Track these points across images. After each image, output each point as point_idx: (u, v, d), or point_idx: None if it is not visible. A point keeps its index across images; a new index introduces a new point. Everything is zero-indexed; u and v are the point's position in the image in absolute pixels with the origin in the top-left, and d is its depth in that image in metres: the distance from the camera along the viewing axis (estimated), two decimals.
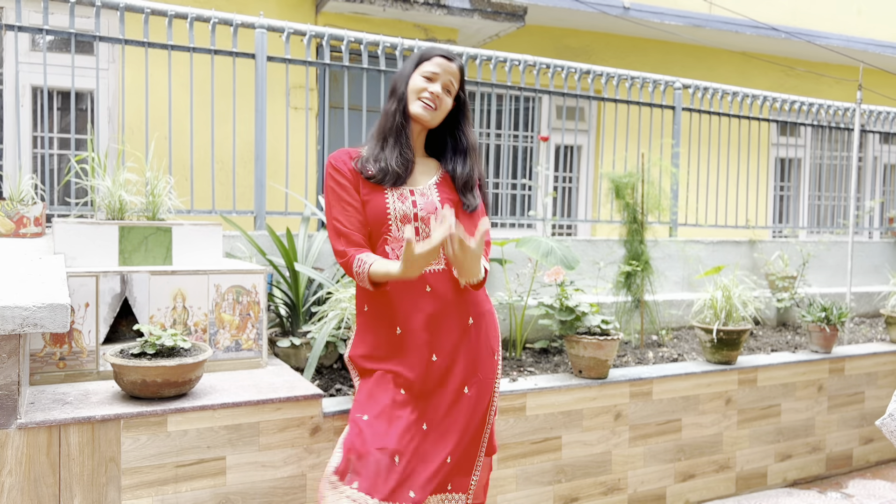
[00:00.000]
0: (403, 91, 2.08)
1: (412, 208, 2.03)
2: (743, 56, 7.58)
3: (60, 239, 2.41)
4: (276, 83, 4.60)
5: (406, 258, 1.79)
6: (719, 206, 5.43)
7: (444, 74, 2.06)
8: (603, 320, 3.00)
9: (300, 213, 3.67)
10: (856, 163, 4.19)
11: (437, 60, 2.07)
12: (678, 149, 4.82)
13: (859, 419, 3.72)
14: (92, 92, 4.74)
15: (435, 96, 2.05)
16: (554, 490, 2.80)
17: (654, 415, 3.03)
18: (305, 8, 5.55)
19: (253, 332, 2.58)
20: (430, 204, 2.04)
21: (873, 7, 7.81)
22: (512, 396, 2.69)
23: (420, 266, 1.81)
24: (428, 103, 2.04)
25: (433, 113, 2.06)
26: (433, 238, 1.77)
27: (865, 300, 5.07)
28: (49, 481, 1.91)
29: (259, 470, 2.20)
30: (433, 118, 2.07)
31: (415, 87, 2.06)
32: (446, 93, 2.08)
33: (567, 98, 4.64)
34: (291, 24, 3.77)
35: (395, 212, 2.02)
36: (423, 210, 2.04)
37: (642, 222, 3.74)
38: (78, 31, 3.38)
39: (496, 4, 5.63)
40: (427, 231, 2.03)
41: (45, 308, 1.73)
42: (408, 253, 1.78)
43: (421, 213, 2.03)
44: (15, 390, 1.84)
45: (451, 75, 2.08)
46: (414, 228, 2.00)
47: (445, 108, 2.09)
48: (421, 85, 2.05)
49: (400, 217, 2.02)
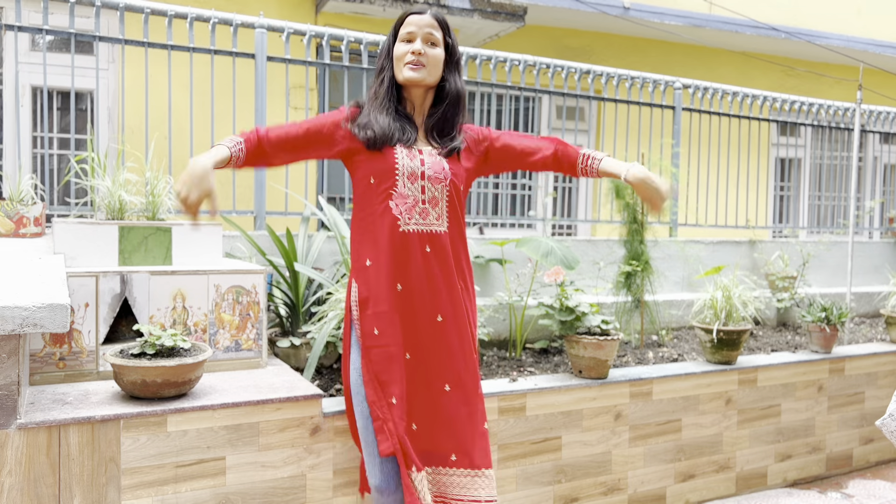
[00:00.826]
0: (384, 63, 2.08)
1: (420, 166, 2.04)
2: (743, 56, 7.57)
3: (60, 239, 2.41)
4: (275, 83, 4.59)
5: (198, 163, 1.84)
6: (719, 206, 5.43)
7: (421, 29, 2.03)
8: (603, 320, 2.99)
9: (300, 214, 3.67)
10: (856, 163, 4.19)
11: (409, 20, 2.05)
12: (678, 149, 4.82)
13: (859, 419, 3.72)
14: (92, 92, 4.74)
15: (418, 54, 2.01)
16: (554, 490, 2.80)
17: (654, 415, 3.03)
18: (305, 8, 5.55)
19: (253, 332, 2.58)
20: (437, 164, 2.05)
21: (873, 7, 7.81)
22: (512, 396, 2.69)
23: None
24: (413, 64, 2.02)
25: (423, 70, 2.03)
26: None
27: (865, 300, 5.07)
28: (49, 481, 1.91)
29: (259, 470, 2.20)
30: (426, 75, 2.04)
31: (398, 54, 2.05)
32: (430, 46, 2.04)
33: (567, 98, 4.64)
34: (291, 24, 3.77)
35: (403, 168, 2.02)
36: (430, 169, 2.05)
37: (642, 222, 3.74)
38: (78, 31, 3.38)
39: (496, 4, 5.63)
40: (433, 190, 2.04)
41: (45, 308, 1.72)
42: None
43: (428, 171, 2.04)
44: (15, 390, 1.84)
45: (429, 27, 2.04)
46: (420, 186, 2.03)
47: (436, 61, 2.05)
48: (403, 49, 2.04)
49: (408, 174, 2.03)
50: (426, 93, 2.11)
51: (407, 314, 2.05)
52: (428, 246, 2.04)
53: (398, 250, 2.03)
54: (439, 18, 2.07)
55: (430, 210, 2.04)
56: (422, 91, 2.09)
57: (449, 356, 2.08)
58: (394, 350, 2.03)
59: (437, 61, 2.05)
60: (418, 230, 2.03)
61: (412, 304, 2.04)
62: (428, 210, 2.04)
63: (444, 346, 2.07)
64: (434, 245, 2.05)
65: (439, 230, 2.06)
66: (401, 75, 2.05)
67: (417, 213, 2.03)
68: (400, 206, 2.02)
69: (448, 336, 2.07)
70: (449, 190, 2.07)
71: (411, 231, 2.03)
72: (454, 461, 2.06)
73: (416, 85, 2.06)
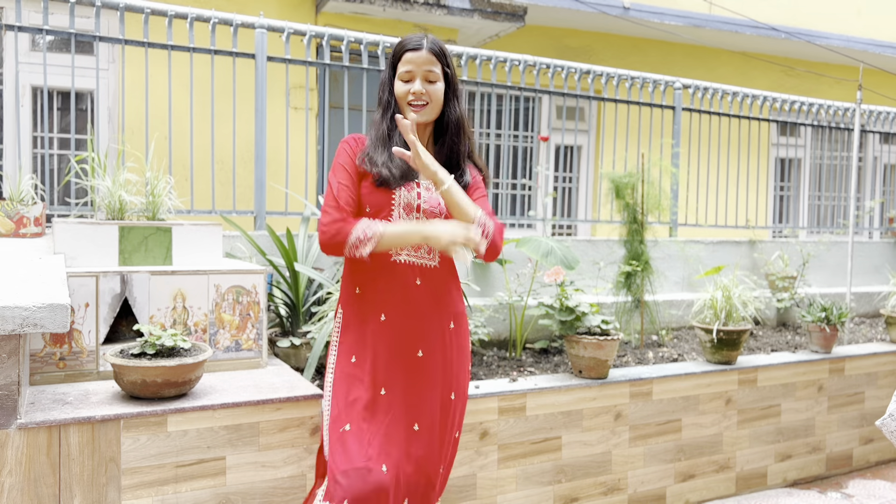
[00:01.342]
0: (388, 99, 2.07)
1: (416, 199, 2.03)
2: (743, 56, 7.57)
3: (60, 239, 2.41)
4: (276, 83, 4.60)
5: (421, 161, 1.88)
6: (719, 206, 5.43)
7: (419, 67, 2.00)
8: (603, 320, 2.99)
9: (300, 214, 3.67)
10: (856, 163, 4.19)
11: (406, 57, 2.01)
12: (678, 149, 4.82)
13: (859, 419, 3.72)
14: (92, 92, 4.74)
15: (419, 94, 2.00)
16: (554, 490, 2.80)
17: (654, 415, 3.03)
18: (305, 8, 5.55)
19: (253, 332, 2.58)
20: (433, 198, 2.04)
21: (873, 7, 7.81)
22: (512, 396, 2.69)
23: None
24: (416, 105, 2.01)
25: (426, 109, 2.02)
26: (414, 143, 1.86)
27: (865, 300, 5.07)
28: (49, 481, 1.91)
29: (259, 470, 2.20)
30: (430, 114, 2.04)
31: (399, 94, 2.03)
32: (428, 83, 2.01)
33: (567, 98, 4.64)
34: (291, 24, 3.77)
35: (399, 200, 2.01)
36: (426, 203, 2.03)
37: (642, 222, 3.74)
38: (78, 31, 3.38)
39: (496, 4, 5.63)
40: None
41: (45, 308, 1.73)
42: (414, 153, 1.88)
43: (424, 205, 2.03)
44: (15, 390, 1.84)
45: (427, 64, 2.00)
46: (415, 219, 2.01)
47: (437, 97, 2.03)
48: (403, 90, 2.02)
49: (403, 205, 2.01)
50: (426, 127, 2.09)
51: (394, 344, 2.00)
52: (418, 279, 2.02)
53: (388, 280, 2.01)
54: (435, 51, 2.02)
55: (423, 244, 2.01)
56: (422, 126, 2.08)
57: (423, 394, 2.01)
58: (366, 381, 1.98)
59: (438, 97, 2.03)
60: (410, 261, 2.02)
61: (393, 336, 2.00)
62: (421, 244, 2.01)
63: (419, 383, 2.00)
64: (425, 278, 2.03)
65: (431, 264, 2.04)
66: (406, 115, 2.03)
67: (410, 246, 2.01)
68: None
69: (426, 373, 2.01)
70: None
71: (402, 262, 2.01)
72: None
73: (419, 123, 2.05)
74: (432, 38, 2.04)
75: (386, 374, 1.98)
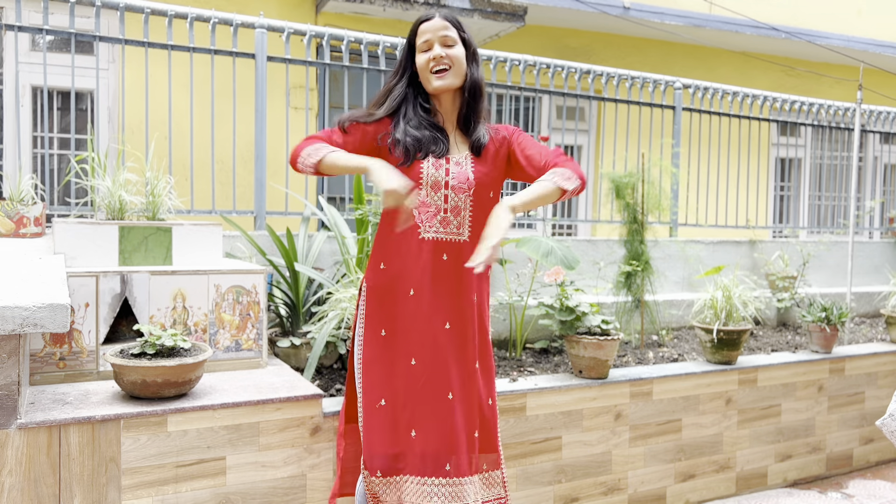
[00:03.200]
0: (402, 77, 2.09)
1: (444, 176, 2.04)
2: (743, 56, 7.57)
3: (60, 239, 2.41)
4: (276, 83, 4.60)
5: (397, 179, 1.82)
6: (719, 206, 5.43)
7: (436, 34, 2.03)
8: (603, 320, 2.99)
9: (300, 213, 3.67)
10: (856, 163, 4.19)
11: (422, 28, 2.05)
12: (678, 149, 4.82)
13: (859, 419, 3.72)
14: (92, 92, 4.74)
15: (439, 59, 2.02)
16: (554, 490, 2.80)
17: (655, 415, 3.03)
18: (305, 8, 5.55)
19: (253, 332, 2.58)
20: (462, 174, 2.05)
21: (873, 7, 7.81)
22: (512, 396, 2.69)
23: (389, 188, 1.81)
24: (438, 69, 2.02)
25: (449, 74, 2.03)
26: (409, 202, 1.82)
27: (865, 300, 5.07)
28: (49, 481, 1.91)
29: (259, 470, 2.20)
30: (454, 78, 2.04)
31: (421, 64, 2.05)
32: (448, 48, 2.04)
33: (567, 98, 4.64)
34: (291, 24, 3.77)
35: (427, 177, 2.04)
36: (454, 179, 2.04)
37: (642, 222, 3.74)
38: (78, 31, 3.38)
39: (496, 4, 5.63)
40: (456, 199, 2.05)
41: (45, 308, 1.73)
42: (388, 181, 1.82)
43: (452, 181, 2.04)
44: (15, 390, 1.84)
45: (443, 29, 2.04)
46: (444, 196, 2.04)
47: (460, 61, 2.05)
48: (423, 59, 2.04)
49: (431, 183, 2.04)
50: (454, 96, 2.11)
51: (416, 319, 2.05)
52: (445, 254, 2.05)
53: (415, 256, 2.05)
54: (450, 18, 2.06)
55: (452, 219, 2.05)
56: (450, 95, 2.09)
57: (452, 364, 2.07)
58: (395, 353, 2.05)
59: (459, 60, 2.05)
60: (437, 238, 2.05)
61: (422, 310, 2.05)
62: (449, 219, 2.05)
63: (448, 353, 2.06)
64: (452, 254, 2.05)
65: (460, 239, 2.07)
66: (430, 86, 2.05)
67: (438, 222, 2.04)
68: (422, 215, 2.04)
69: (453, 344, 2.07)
70: (472, 199, 2.07)
71: (430, 238, 2.04)
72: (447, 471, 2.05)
73: (446, 90, 2.06)
74: (445, 10, 2.09)
75: (417, 346, 2.05)
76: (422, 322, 2.05)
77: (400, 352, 2.05)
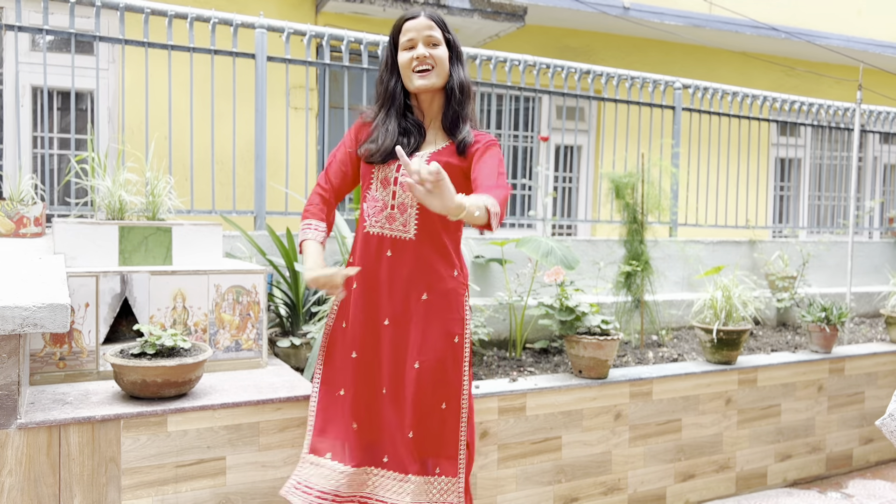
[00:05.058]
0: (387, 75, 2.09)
1: (394, 172, 2.05)
2: (743, 56, 7.57)
3: (60, 239, 2.41)
4: (276, 83, 4.60)
5: (312, 273, 1.98)
6: (719, 206, 5.43)
7: (420, 33, 2.02)
8: (603, 320, 2.99)
9: (300, 213, 3.67)
10: (856, 163, 4.19)
11: (406, 26, 2.04)
12: (678, 149, 4.82)
13: (859, 419, 3.72)
14: (92, 92, 4.74)
15: (423, 58, 2.01)
16: (554, 490, 2.81)
17: (654, 415, 3.03)
18: (305, 8, 5.55)
19: (253, 332, 2.59)
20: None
21: (873, 7, 7.81)
22: (512, 396, 2.69)
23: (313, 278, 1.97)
24: (421, 69, 2.01)
25: (432, 75, 2.02)
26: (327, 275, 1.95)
27: (865, 300, 5.07)
28: (49, 481, 1.91)
29: (259, 470, 2.20)
30: (436, 79, 2.03)
31: (403, 63, 2.04)
32: (432, 47, 2.03)
33: (567, 98, 4.64)
34: (291, 24, 3.77)
35: (377, 173, 2.08)
36: (403, 176, 2.01)
37: (642, 222, 3.74)
38: (78, 31, 3.38)
39: (496, 4, 5.63)
40: (403, 197, 2.05)
41: (45, 308, 1.73)
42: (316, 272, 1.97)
43: (401, 177, 2.03)
44: (15, 390, 1.84)
45: (427, 29, 2.02)
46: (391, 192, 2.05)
47: (442, 61, 2.03)
48: (406, 58, 2.03)
49: (381, 178, 2.07)
50: (434, 96, 2.09)
51: (361, 313, 2.10)
52: (390, 250, 2.06)
53: (362, 250, 2.10)
54: (435, 18, 2.05)
55: (398, 216, 2.05)
56: (430, 95, 2.08)
57: (389, 361, 2.07)
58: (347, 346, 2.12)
59: (442, 61, 2.03)
60: (381, 234, 2.07)
61: (366, 305, 2.09)
62: (395, 216, 2.05)
63: (385, 349, 2.07)
64: (396, 250, 2.05)
65: (405, 237, 2.05)
66: (411, 85, 2.04)
67: (385, 218, 2.06)
68: (369, 209, 2.09)
69: (391, 341, 2.06)
70: None
71: (375, 234, 2.08)
72: (385, 462, 2.07)
73: (426, 90, 2.05)
74: (430, 10, 2.08)
75: (360, 340, 2.09)
76: (365, 316, 2.09)
77: (348, 344, 2.11)
